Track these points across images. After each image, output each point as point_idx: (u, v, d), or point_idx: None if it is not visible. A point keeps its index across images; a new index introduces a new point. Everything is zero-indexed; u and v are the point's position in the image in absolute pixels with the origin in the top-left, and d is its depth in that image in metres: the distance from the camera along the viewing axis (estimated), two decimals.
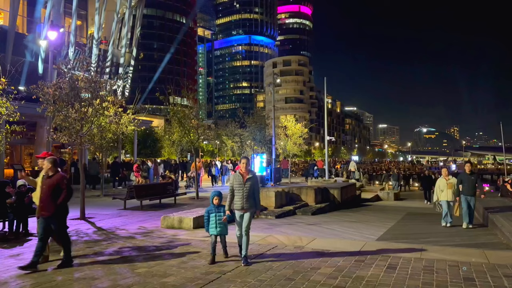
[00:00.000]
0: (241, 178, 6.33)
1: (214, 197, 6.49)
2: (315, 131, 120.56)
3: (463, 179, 10.40)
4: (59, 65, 11.86)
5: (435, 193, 11.08)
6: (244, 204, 6.26)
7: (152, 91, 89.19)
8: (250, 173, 6.40)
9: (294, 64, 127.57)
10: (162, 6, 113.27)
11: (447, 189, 10.68)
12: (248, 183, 6.30)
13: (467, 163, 11.17)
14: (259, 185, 6.09)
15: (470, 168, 10.65)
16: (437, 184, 11.08)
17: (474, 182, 10.29)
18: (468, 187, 10.26)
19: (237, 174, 6.41)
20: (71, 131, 11.34)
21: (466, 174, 10.46)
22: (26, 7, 22.62)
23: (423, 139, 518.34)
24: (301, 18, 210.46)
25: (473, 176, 10.44)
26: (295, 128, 29.51)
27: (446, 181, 10.83)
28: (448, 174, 11.09)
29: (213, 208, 6.43)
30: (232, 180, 6.42)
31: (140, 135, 31.71)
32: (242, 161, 6.42)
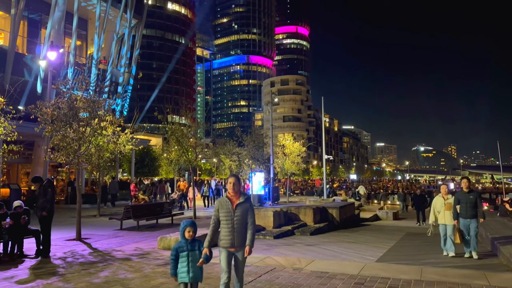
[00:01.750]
0: (229, 204, 4.68)
1: (186, 229, 4.59)
2: (313, 149, 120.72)
3: (460, 198, 8.81)
4: (57, 85, 11.91)
5: (431, 214, 9.63)
6: (234, 240, 4.60)
7: (150, 110, 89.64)
8: (242, 196, 4.73)
9: (291, 83, 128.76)
10: (161, 27, 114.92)
11: (444, 210, 9.22)
12: (239, 210, 4.65)
13: (463, 179, 9.18)
14: (254, 212, 4.73)
15: (467, 185, 8.87)
16: (433, 204, 9.61)
17: (473, 201, 8.65)
18: (466, 208, 8.68)
19: (223, 198, 4.77)
20: (68, 151, 11.31)
21: (463, 192, 8.80)
22: (27, 27, 22.89)
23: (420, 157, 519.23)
24: (298, 38, 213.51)
25: (472, 194, 8.74)
26: (293, 147, 29.59)
27: (444, 200, 9.33)
28: (448, 193, 9.46)
29: (184, 245, 4.54)
30: (217, 206, 4.76)
31: (137, 154, 31.66)
32: (230, 181, 4.76)
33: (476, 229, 8.70)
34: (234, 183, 4.74)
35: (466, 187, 8.84)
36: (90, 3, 24.96)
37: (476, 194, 8.82)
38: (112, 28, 26.76)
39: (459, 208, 8.79)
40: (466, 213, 8.69)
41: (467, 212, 8.68)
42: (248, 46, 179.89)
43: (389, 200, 33.56)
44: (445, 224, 9.19)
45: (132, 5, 26.80)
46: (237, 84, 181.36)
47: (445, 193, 9.46)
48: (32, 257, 8.80)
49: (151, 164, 34.12)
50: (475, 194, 8.81)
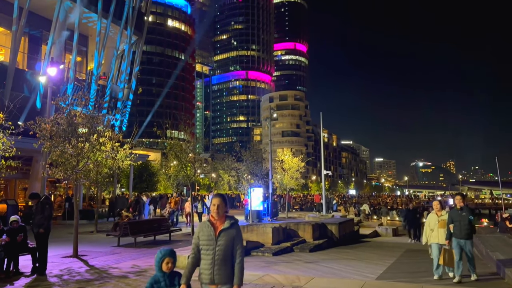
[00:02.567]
0: (211, 230, 3.80)
1: (164, 259, 3.80)
2: (312, 164, 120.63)
3: (453, 216, 8.10)
4: (57, 101, 11.96)
5: (424, 232, 8.86)
6: (214, 275, 3.72)
7: (149, 125, 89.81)
8: (228, 220, 3.84)
9: (290, 98, 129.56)
10: (161, 43, 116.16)
11: (438, 228, 8.46)
12: (224, 238, 3.75)
13: (457, 195, 8.44)
14: (242, 241, 3.86)
15: (461, 202, 8.17)
16: (427, 221, 8.88)
17: (467, 220, 7.94)
18: (460, 227, 7.96)
19: (205, 223, 3.90)
20: (66, 167, 11.29)
21: (457, 210, 8.14)
22: (28, 43, 23.10)
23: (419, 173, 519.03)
24: (297, 55, 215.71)
25: (466, 212, 8.05)
26: (291, 162, 29.58)
27: (437, 217, 8.59)
28: (442, 209, 8.73)
29: (162, 279, 3.79)
30: (197, 232, 3.89)
31: (136, 169, 31.59)
32: (214, 202, 3.87)
33: (471, 250, 8.04)
34: (219, 206, 3.82)
35: (459, 204, 8.18)
36: (91, 19, 25.24)
37: (470, 212, 8.18)
38: (112, 44, 27.00)
39: (452, 227, 8.09)
40: (460, 232, 7.96)
41: (460, 232, 7.96)
42: (247, 62, 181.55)
43: (389, 216, 33.39)
44: (439, 243, 8.47)
45: (132, 22, 27.11)
46: (236, 100, 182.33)
47: (438, 209, 8.71)
48: (28, 275, 8.70)
49: (149, 179, 34.04)
50: (469, 211, 8.12)
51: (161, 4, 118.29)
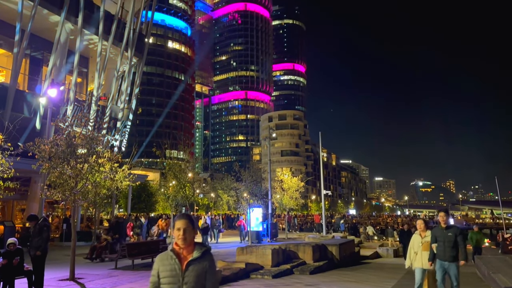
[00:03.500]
0: (174, 263, 2.89)
1: None
2: (311, 184, 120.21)
3: (437, 235, 7.22)
4: (57, 122, 12.01)
5: (408, 255, 7.82)
6: None
7: (149, 145, 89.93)
8: (198, 249, 2.92)
9: (289, 118, 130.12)
10: (161, 64, 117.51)
11: (421, 251, 7.48)
12: (192, 274, 2.84)
13: (441, 212, 7.47)
14: (216, 276, 2.95)
15: (445, 220, 7.26)
16: (410, 243, 7.87)
17: (452, 239, 6.99)
18: (444, 247, 7.03)
19: (166, 254, 2.95)
20: (65, 188, 11.24)
21: (441, 228, 7.21)
22: (29, 65, 23.33)
23: (419, 192, 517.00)
24: (295, 75, 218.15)
25: (451, 231, 7.11)
26: (291, 182, 29.50)
27: (421, 238, 7.61)
28: (426, 229, 7.70)
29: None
30: (156, 268, 2.94)
31: (134, 189, 31.44)
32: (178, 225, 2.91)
33: (457, 275, 7.07)
34: (185, 230, 2.86)
35: (443, 222, 7.27)
36: (92, 41, 25.58)
37: (457, 231, 7.16)
38: (113, 66, 27.29)
39: (436, 248, 7.22)
40: (444, 253, 7.06)
41: (444, 253, 7.05)
42: (246, 82, 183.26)
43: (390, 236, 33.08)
44: (422, 268, 7.50)
45: (133, 44, 27.47)
46: (235, 119, 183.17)
47: (422, 229, 7.72)
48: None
49: (147, 199, 33.86)
50: (455, 230, 7.15)
51: (161, 26, 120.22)
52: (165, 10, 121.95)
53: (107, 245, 15.49)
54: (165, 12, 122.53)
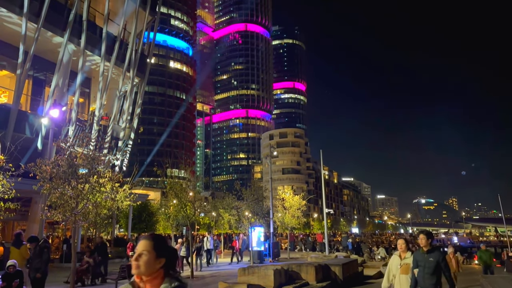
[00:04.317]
0: None
1: None
2: (313, 202, 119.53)
3: (418, 260, 6.26)
4: (58, 142, 12.06)
5: (386, 277, 7.05)
6: None
7: (150, 163, 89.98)
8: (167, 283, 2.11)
9: (290, 136, 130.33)
10: (163, 84, 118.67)
11: (399, 275, 6.67)
12: None
13: (421, 234, 6.46)
14: None
15: (426, 243, 6.25)
16: (389, 265, 7.07)
17: (433, 266, 6.04)
18: (423, 274, 6.09)
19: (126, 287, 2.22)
20: (65, 209, 11.20)
21: (422, 252, 6.25)
22: (31, 86, 23.56)
23: (422, 210, 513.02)
24: (296, 93, 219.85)
25: (433, 256, 6.11)
26: (292, 200, 29.34)
27: (400, 260, 6.76)
28: (407, 249, 6.81)
29: None
30: None
31: (135, 209, 31.27)
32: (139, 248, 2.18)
33: None
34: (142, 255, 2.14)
35: (424, 244, 6.26)
36: (94, 62, 25.89)
37: (439, 256, 6.10)
38: (114, 86, 27.54)
39: (417, 273, 6.29)
40: (423, 281, 6.09)
41: (424, 280, 6.09)
42: (247, 101, 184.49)
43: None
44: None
45: (135, 64, 27.78)
46: (236, 137, 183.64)
47: (403, 250, 6.79)
48: None
49: (148, 219, 33.64)
50: (437, 255, 6.12)
51: (163, 46, 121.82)
52: (167, 31, 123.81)
53: (88, 268, 14.81)
54: (167, 33, 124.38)
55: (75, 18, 22.65)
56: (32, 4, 20.24)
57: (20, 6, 19.84)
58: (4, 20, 20.20)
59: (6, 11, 19.57)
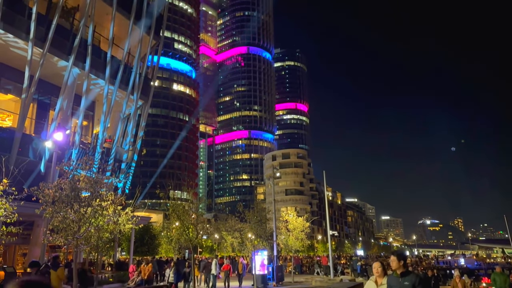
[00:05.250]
0: None
1: None
2: (317, 223, 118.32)
3: (392, 286, 5.65)
4: (61, 166, 12.09)
5: None
6: None
7: (153, 185, 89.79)
8: None
9: (293, 157, 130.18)
10: (166, 106, 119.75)
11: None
12: None
13: (392, 256, 5.89)
14: None
15: (398, 265, 5.66)
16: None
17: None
18: None
19: None
20: (67, 233, 11.14)
21: (395, 276, 5.64)
22: (36, 109, 23.79)
23: (427, 231, 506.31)
24: (298, 114, 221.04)
25: (408, 279, 5.53)
26: (296, 222, 29.06)
27: (376, 286, 6.02)
28: (384, 274, 6.07)
29: None
30: None
31: (137, 232, 31.03)
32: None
33: None
34: None
35: (396, 267, 5.65)
36: (98, 85, 26.20)
37: (415, 280, 5.50)
38: (118, 109, 27.77)
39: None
40: None
41: None
42: (249, 122, 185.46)
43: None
44: None
45: (139, 88, 28.09)
46: (239, 158, 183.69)
47: (379, 274, 6.05)
48: None
49: (150, 242, 33.34)
50: (412, 279, 5.52)
51: (167, 69, 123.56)
52: (170, 54, 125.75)
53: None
54: (171, 56, 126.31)
55: (80, 43, 23.07)
56: (38, 30, 20.64)
57: (26, 31, 20.24)
58: (10, 45, 20.58)
59: (13, 37, 19.95)
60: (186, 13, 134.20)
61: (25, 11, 20.47)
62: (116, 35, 26.57)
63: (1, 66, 21.53)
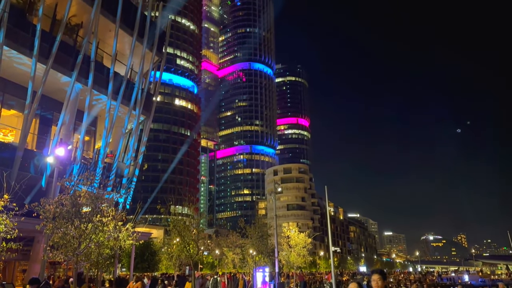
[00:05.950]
0: None
1: None
2: (319, 239, 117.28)
3: None
4: (63, 182, 12.09)
5: None
6: None
7: (154, 200, 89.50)
8: None
9: (294, 171, 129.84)
10: (168, 121, 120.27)
11: None
12: None
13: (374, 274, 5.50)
14: None
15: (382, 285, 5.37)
16: None
17: None
18: None
19: None
20: (68, 249, 11.07)
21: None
22: (38, 125, 23.89)
23: (430, 247, 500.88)
24: (299, 129, 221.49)
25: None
26: (298, 238, 28.85)
27: None
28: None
29: None
30: None
31: (137, 248, 30.77)
32: None
33: None
34: None
35: (380, 286, 5.35)
36: (101, 101, 26.36)
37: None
38: (120, 124, 27.87)
39: None
40: None
41: None
42: (251, 136, 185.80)
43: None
44: None
45: (141, 103, 28.25)
46: (240, 173, 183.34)
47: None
48: None
49: (151, 258, 33.02)
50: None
51: (169, 85, 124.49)
52: (172, 70, 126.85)
53: None
54: (173, 72, 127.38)
55: (83, 59, 23.30)
56: (42, 46, 20.87)
57: (30, 48, 20.47)
58: (14, 61, 20.80)
59: (17, 53, 20.18)
60: (189, 29, 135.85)
61: (29, 28, 20.75)
62: (119, 51, 26.85)
63: (4, 82, 21.71)
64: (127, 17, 26.92)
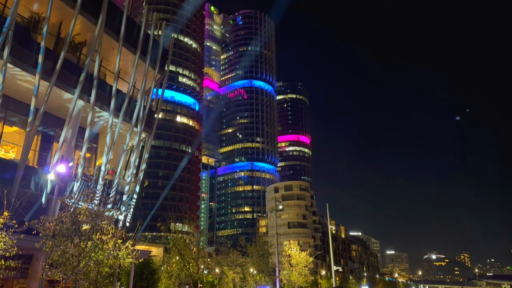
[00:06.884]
0: None
1: None
2: (321, 258, 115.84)
3: None
4: (63, 199, 12.05)
5: None
6: None
7: (154, 218, 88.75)
8: None
9: (295, 189, 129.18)
10: (169, 138, 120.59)
11: None
12: None
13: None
14: None
15: None
16: None
17: None
18: None
19: None
20: (67, 267, 10.94)
21: None
22: (40, 142, 23.90)
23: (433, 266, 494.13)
24: (300, 146, 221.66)
25: None
26: (299, 257, 28.53)
27: None
28: None
29: None
30: None
31: (136, 266, 30.39)
32: None
33: None
34: None
35: None
36: (102, 118, 26.44)
37: None
38: (122, 141, 27.90)
39: None
40: None
41: None
42: (252, 153, 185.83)
43: None
44: None
45: (143, 120, 28.33)
46: (241, 190, 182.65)
47: None
48: None
49: (150, 277, 32.56)
50: None
51: (170, 102, 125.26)
52: (174, 87, 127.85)
53: None
54: (175, 89, 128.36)
55: (86, 76, 23.47)
56: (46, 64, 21.06)
57: (34, 65, 20.65)
58: (17, 78, 20.96)
59: (20, 70, 20.34)
60: (191, 48, 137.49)
61: (34, 46, 20.97)
62: (122, 69, 27.09)
63: (7, 99, 21.81)
64: (130, 35, 27.24)
